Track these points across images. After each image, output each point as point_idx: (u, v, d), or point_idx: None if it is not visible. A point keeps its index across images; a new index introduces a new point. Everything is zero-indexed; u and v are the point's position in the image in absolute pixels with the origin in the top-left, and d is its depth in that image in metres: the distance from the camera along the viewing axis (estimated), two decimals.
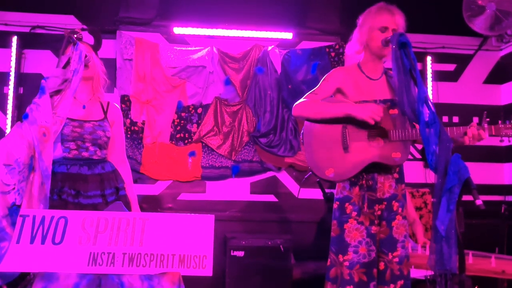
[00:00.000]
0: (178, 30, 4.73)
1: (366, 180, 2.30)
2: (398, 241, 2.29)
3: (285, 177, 4.79)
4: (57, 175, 2.35)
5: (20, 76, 4.57)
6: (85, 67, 2.45)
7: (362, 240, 2.27)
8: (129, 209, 2.54)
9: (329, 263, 2.34)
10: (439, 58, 5.07)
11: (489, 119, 2.25)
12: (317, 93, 2.39)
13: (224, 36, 4.79)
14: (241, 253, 3.99)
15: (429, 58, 5.02)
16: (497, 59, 5.19)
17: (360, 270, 2.24)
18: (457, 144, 2.32)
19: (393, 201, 2.30)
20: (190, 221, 1.77)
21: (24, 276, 1.93)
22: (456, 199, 1.79)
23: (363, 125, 2.28)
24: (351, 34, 2.52)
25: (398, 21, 2.33)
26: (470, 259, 2.84)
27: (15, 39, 4.52)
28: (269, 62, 4.72)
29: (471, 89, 5.13)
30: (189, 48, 4.73)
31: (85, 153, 2.46)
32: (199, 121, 4.67)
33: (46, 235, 1.68)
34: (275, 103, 4.70)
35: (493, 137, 2.26)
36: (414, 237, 3.63)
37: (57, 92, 2.15)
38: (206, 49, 4.70)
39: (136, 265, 1.69)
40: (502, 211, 4.33)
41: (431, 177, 4.78)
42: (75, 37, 2.50)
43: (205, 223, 1.77)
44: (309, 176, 3.67)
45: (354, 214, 2.29)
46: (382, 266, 2.28)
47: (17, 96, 4.53)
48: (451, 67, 5.14)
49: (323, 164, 2.33)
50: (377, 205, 2.29)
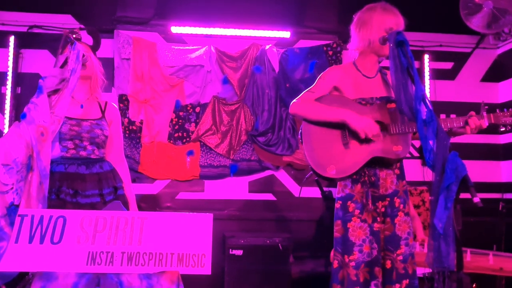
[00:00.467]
0: (175, 29, 4.73)
1: (369, 176, 2.27)
2: (401, 238, 2.26)
3: (283, 176, 4.80)
4: (55, 174, 2.35)
5: (17, 76, 4.57)
6: (83, 66, 2.45)
7: (366, 238, 2.23)
8: (127, 208, 2.54)
9: (336, 265, 2.28)
10: (437, 56, 5.08)
11: (487, 106, 2.26)
12: (314, 91, 2.38)
13: (221, 35, 4.79)
14: (239, 252, 4.00)
15: (426, 56, 5.03)
16: (494, 57, 5.20)
17: (365, 270, 2.20)
18: (456, 134, 2.32)
19: (395, 198, 2.28)
20: (189, 220, 1.78)
21: (22, 275, 1.93)
22: (453, 196, 1.79)
23: (355, 133, 2.27)
24: (349, 33, 2.50)
25: (400, 22, 2.33)
26: (468, 257, 2.85)
27: (12, 38, 4.51)
28: (267, 61, 4.72)
29: (469, 87, 5.14)
30: (187, 47, 4.73)
31: (83, 152, 2.46)
32: (197, 120, 4.67)
33: (44, 235, 1.68)
34: (273, 102, 4.70)
35: (492, 126, 2.26)
36: (413, 234, 3.63)
37: (55, 91, 2.16)
38: (204, 48, 4.70)
39: (135, 264, 1.69)
40: (500, 208, 4.32)
41: (429, 175, 4.79)
42: (74, 37, 2.51)
43: (203, 222, 1.78)
44: (310, 176, 3.66)
45: (357, 212, 2.25)
46: (389, 264, 2.24)
47: (14, 95, 4.52)
48: (448, 65, 5.16)
49: (324, 162, 2.29)
50: (380, 202, 2.27)
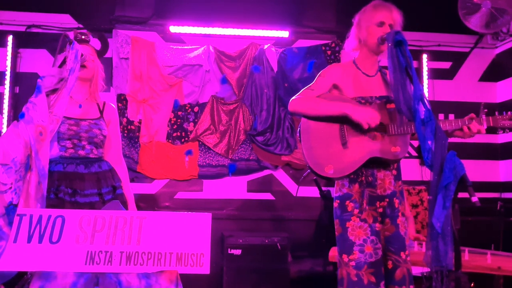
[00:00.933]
0: (174, 29, 4.73)
1: (366, 176, 2.27)
2: (405, 239, 2.27)
3: (281, 176, 4.80)
4: (53, 174, 2.35)
5: (15, 76, 4.56)
6: (83, 67, 2.45)
7: (367, 238, 2.21)
8: (126, 208, 2.54)
9: (338, 264, 2.28)
10: (435, 56, 5.09)
11: (487, 110, 2.26)
12: (313, 89, 2.38)
13: (220, 34, 4.79)
14: (238, 251, 4.00)
15: (425, 56, 5.03)
16: (492, 56, 5.21)
17: (369, 271, 2.18)
18: (453, 136, 2.32)
19: (394, 198, 2.28)
20: (187, 220, 1.78)
21: (21, 275, 1.93)
22: (452, 196, 1.80)
23: (358, 126, 2.27)
24: (347, 32, 2.52)
25: (395, 16, 2.32)
26: (466, 256, 2.86)
27: (10, 38, 4.51)
28: (265, 61, 4.72)
29: (467, 86, 5.15)
30: (186, 47, 4.73)
31: (82, 152, 2.46)
32: (196, 120, 4.67)
33: (43, 234, 1.68)
34: (272, 102, 4.70)
35: (491, 128, 2.25)
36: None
37: (54, 91, 2.15)
38: (203, 48, 4.70)
39: (133, 263, 1.69)
40: (498, 208, 4.34)
41: (427, 174, 4.79)
42: (83, 38, 2.51)
43: (202, 221, 1.78)
44: (307, 174, 3.66)
45: (356, 211, 2.25)
46: (391, 265, 2.23)
47: (13, 95, 4.52)
48: (446, 65, 5.16)
49: (322, 161, 2.28)
50: (378, 202, 2.26)
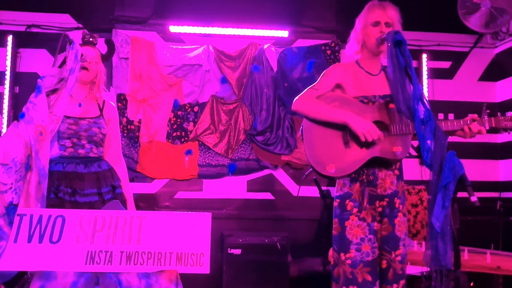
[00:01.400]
0: (174, 29, 4.73)
1: (367, 175, 2.27)
2: (400, 239, 2.27)
3: (281, 175, 4.80)
4: (53, 173, 2.35)
5: (15, 75, 4.56)
6: (85, 69, 2.45)
7: (365, 237, 2.22)
8: (125, 207, 2.54)
9: (333, 262, 2.30)
10: (435, 55, 5.09)
11: (489, 110, 2.26)
12: (317, 89, 2.38)
13: (220, 34, 4.79)
14: (238, 251, 4.01)
15: (424, 56, 5.03)
16: (492, 56, 5.21)
17: (364, 270, 2.20)
18: (457, 135, 2.33)
19: (395, 198, 2.28)
20: (187, 219, 1.78)
21: (21, 275, 1.93)
22: (451, 195, 1.80)
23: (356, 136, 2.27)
24: (347, 32, 2.53)
25: (390, 14, 2.33)
26: (466, 255, 2.86)
27: (10, 38, 4.50)
28: (265, 60, 4.72)
29: (467, 86, 5.15)
30: (185, 47, 4.73)
31: (81, 151, 2.47)
32: (196, 120, 4.68)
33: (43, 234, 1.69)
34: (271, 101, 4.70)
35: (493, 129, 2.26)
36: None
37: (54, 91, 2.15)
38: (202, 48, 4.71)
39: (133, 263, 1.69)
40: (498, 207, 4.34)
41: (427, 174, 4.79)
42: (91, 40, 2.52)
43: (202, 221, 1.78)
44: (309, 173, 3.66)
45: (355, 210, 2.25)
46: (385, 264, 2.25)
47: (12, 95, 4.52)
48: (446, 64, 5.16)
49: (324, 160, 2.29)
50: (377, 201, 2.27)
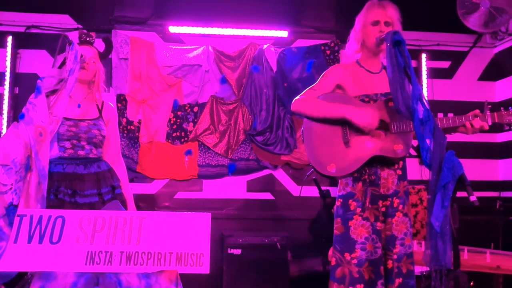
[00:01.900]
0: (173, 29, 4.73)
1: (369, 175, 2.27)
2: (397, 238, 2.26)
3: (281, 175, 4.80)
4: (53, 175, 2.35)
5: (15, 76, 4.56)
6: (83, 69, 2.45)
7: (369, 236, 2.22)
8: (125, 207, 2.54)
9: (334, 263, 2.28)
10: (434, 55, 5.09)
11: (491, 106, 2.26)
12: (316, 89, 2.38)
13: (219, 34, 4.79)
14: (238, 251, 4.01)
15: (424, 56, 5.03)
16: (491, 56, 5.22)
17: (369, 268, 2.20)
18: (460, 132, 2.32)
19: (394, 198, 2.29)
20: (187, 220, 1.78)
21: (21, 275, 1.93)
22: (450, 195, 1.80)
23: (356, 131, 2.28)
24: (346, 32, 2.53)
25: (390, 13, 2.33)
26: (466, 255, 2.87)
27: (10, 39, 4.51)
28: (264, 61, 4.73)
29: (466, 86, 5.15)
30: (185, 47, 4.73)
31: (81, 152, 2.47)
32: (195, 120, 4.68)
33: (43, 235, 1.69)
34: (271, 101, 4.71)
35: (495, 125, 2.25)
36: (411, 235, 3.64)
37: (53, 92, 2.16)
38: (202, 48, 4.71)
39: (133, 263, 1.70)
40: (497, 207, 4.35)
41: (427, 174, 4.79)
42: (88, 39, 2.52)
43: (202, 221, 1.78)
44: (311, 173, 3.67)
45: (359, 210, 2.25)
46: (390, 264, 2.25)
47: (12, 96, 4.52)
48: (445, 64, 5.17)
49: (324, 160, 2.29)
50: (381, 201, 2.27)
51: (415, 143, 2.35)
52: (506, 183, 4.99)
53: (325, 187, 3.87)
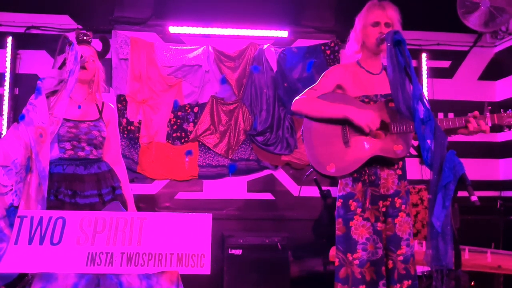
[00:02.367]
0: (173, 29, 4.73)
1: (369, 175, 2.28)
2: (402, 238, 2.26)
3: (282, 175, 4.80)
4: (53, 175, 2.35)
5: (15, 77, 4.56)
6: (83, 68, 2.45)
7: (370, 237, 2.22)
8: (125, 208, 2.54)
9: (337, 263, 2.28)
10: (434, 55, 5.09)
11: (491, 107, 2.26)
12: (316, 89, 2.38)
13: (219, 35, 4.79)
14: (238, 251, 4.01)
15: (424, 55, 5.03)
16: (491, 55, 5.21)
17: (371, 269, 2.20)
18: (460, 133, 2.32)
19: (396, 198, 2.28)
20: (188, 220, 1.78)
21: (22, 277, 1.93)
22: (451, 195, 1.80)
23: (359, 128, 2.28)
24: (346, 31, 2.53)
25: (390, 14, 2.33)
26: (467, 255, 2.86)
27: (10, 39, 4.50)
28: (264, 61, 4.72)
29: (466, 85, 5.15)
30: (185, 47, 4.73)
31: (81, 153, 2.47)
32: (196, 120, 4.68)
33: (44, 236, 1.69)
34: (271, 101, 4.70)
35: (495, 126, 2.25)
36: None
37: (53, 92, 2.15)
38: (202, 48, 4.71)
39: (134, 264, 1.69)
40: (498, 206, 4.35)
41: (427, 173, 4.78)
42: (85, 39, 2.52)
43: (202, 221, 1.78)
44: (310, 173, 3.66)
45: (359, 210, 2.25)
46: (391, 264, 2.24)
47: (12, 96, 4.52)
48: (446, 63, 5.16)
49: (324, 160, 2.29)
50: (381, 201, 2.27)
51: (415, 143, 2.35)
52: (507, 182, 4.99)
53: (325, 187, 3.87)
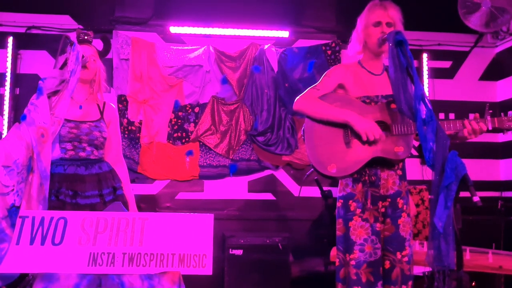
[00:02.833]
0: (174, 30, 4.73)
1: (369, 176, 2.27)
2: (406, 239, 2.26)
3: (282, 176, 4.80)
4: (54, 176, 2.34)
5: (16, 77, 4.56)
6: (86, 68, 2.45)
7: (368, 237, 2.22)
8: (126, 208, 2.54)
9: (337, 263, 2.29)
10: (435, 55, 5.09)
11: (491, 111, 2.25)
12: (319, 89, 2.38)
13: (220, 35, 4.79)
14: (239, 252, 4.01)
15: (425, 55, 5.03)
16: (492, 55, 5.21)
17: (367, 270, 2.20)
18: (459, 139, 2.31)
19: (398, 198, 2.28)
20: (190, 221, 1.78)
21: (23, 277, 1.93)
22: (453, 196, 1.80)
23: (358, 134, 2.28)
24: (347, 31, 2.53)
25: (392, 14, 2.33)
26: (468, 255, 2.86)
27: (10, 39, 4.50)
28: (265, 61, 4.72)
29: (467, 86, 5.15)
30: (186, 47, 4.73)
31: (82, 153, 2.46)
32: (196, 120, 4.67)
33: (45, 236, 1.69)
34: (272, 102, 4.70)
35: (495, 129, 2.24)
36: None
37: (55, 93, 2.15)
38: (203, 48, 4.70)
39: (136, 265, 1.69)
40: (499, 207, 4.35)
41: (428, 174, 4.79)
42: (86, 38, 2.52)
43: (204, 222, 1.78)
44: (310, 173, 3.66)
45: (358, 211, 2.25)
46: (388, 265, 2.24)
47: (13, 96, 4.52)
48: (447, 64, 5.16)
49: (325, 160, 2.28)
50: (380, 202, 2.26)
51: (416, 143, 2.35)
52: (508, 183, 4.99)
53: (326, 188, 3.86)
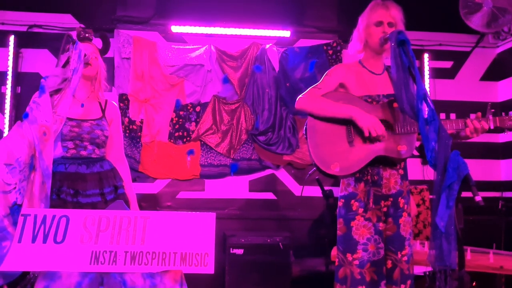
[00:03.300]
0: (176, 29, 4.73)
1: (371, 175, 2.27)
2: (406, 238, 2.26)
3: (283, 175, 4.80)
4: (56, 174, 2.34)
5: (17, 76, 4.56)
6: (87, 64, 2.45)
7: (371, 237, 2.22)
8: (128, 207, 2.54)
9: (337, 263, 2.29)
10: (436, 55, 5.09)
11: (493, 110, 2.25)
12: (320, 88, 2.38)
13: (222, 34, 4.79)
14: (240, 251, 4.01)
15: (426, 55, 5.03)
16: (493, 56, 5.21)
17: (371, 269, 2.20)
18: (460, 139, 2.31)
19: (399, 198, 2.28)
20: (192, 219, 1.78)
21: (24, 275, 1.93)
22: (455, 195, 1.79)
23: (360, 131, 2.28)
24: (348, 31, 2.53)
25: (393, 13, 2.32)
26: (469, 255, 2.86)
27: (12, 38, 4.51)
28: (267, 60, 4.72)
29: (468, 86, 5.15)
30: (187, 47, 4.73)
31: (84, 152, 2.46)
32: (198, 120, 4.68)
33: (47, 234, 1.69)
34: (273, 101, 4.70)
35: (497, 129, 2.24)
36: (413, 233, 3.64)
37: (57, 91, 2.16)
38: (204, 48, 4.71)
39: (138, 263, 1.69)
40: (500, 207, 4.36)
41: (429, 173, 4.80)
42: (87, 36, 2.53)
43: (206, 221, 1.78)
44: (313, 172, 3.65)
45: (361, 210, 2.25)
46: (390, 264, 2.24)
47: (14, 95, 4.52)
48: (448, 64, 5.16)
49: (328, 159, 2.27)
50: (383, 201, 2.26)
51: (417, 143, 2.35)
52: (508, 183, 4.99)
53: (328, 187, 3.86)
